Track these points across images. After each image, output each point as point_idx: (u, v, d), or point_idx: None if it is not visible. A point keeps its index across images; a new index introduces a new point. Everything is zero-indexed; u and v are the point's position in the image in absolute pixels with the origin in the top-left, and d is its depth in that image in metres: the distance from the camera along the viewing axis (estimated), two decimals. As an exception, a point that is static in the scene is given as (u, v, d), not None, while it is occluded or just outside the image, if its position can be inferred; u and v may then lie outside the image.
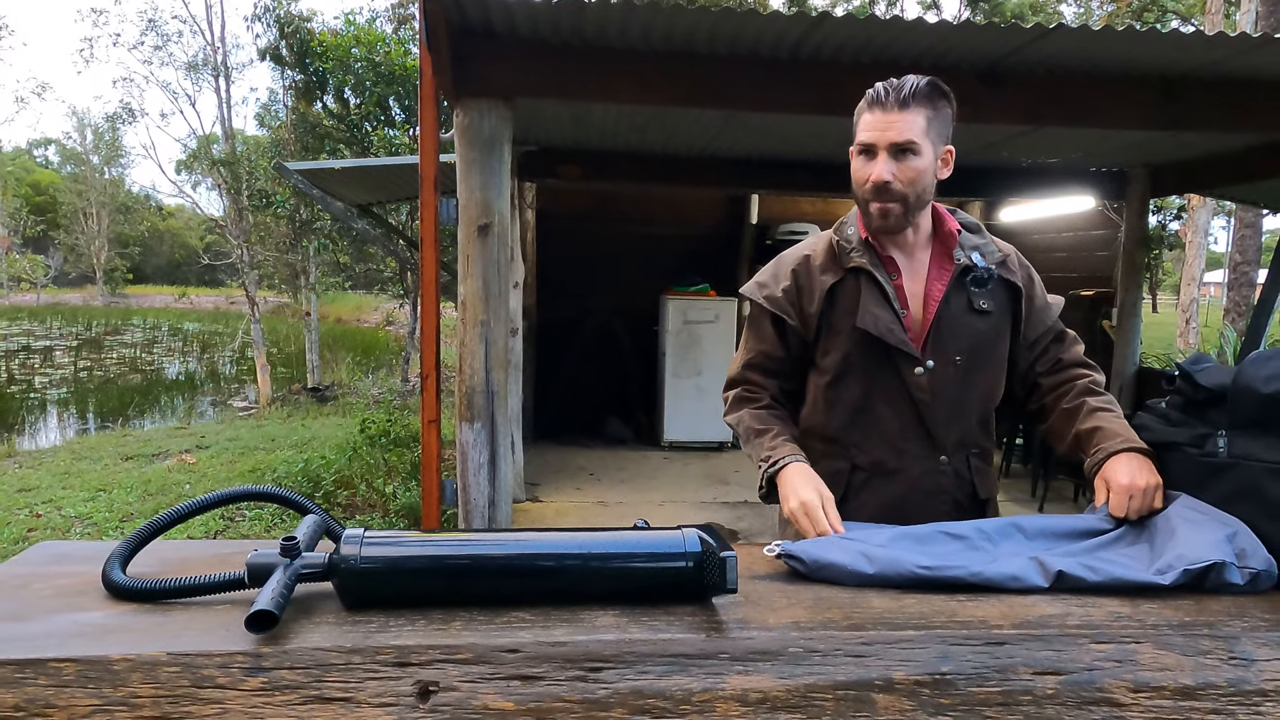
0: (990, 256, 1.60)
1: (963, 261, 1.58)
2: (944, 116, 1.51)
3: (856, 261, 1.57)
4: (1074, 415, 1.53)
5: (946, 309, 1.57)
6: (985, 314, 1.58)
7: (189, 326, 25.04)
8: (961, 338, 1.57)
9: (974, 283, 1.56)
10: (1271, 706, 0.96)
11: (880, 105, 1.47)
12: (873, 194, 1.50)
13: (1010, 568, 1.13)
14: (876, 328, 1.54)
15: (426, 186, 3.10)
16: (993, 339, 1.60)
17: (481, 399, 3.06)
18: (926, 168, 1.50)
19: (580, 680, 0.89)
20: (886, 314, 1.55)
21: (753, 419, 1.61)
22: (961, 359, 1.57)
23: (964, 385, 1.58)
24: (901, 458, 1.59)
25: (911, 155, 1.48)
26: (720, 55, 3.18)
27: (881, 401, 1.58)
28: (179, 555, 1.17)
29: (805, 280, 1.61)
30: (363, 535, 0.99)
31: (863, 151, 1.51)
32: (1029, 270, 1.66)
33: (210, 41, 13.94)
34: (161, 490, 6.42)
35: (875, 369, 1.58)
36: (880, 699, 0.91)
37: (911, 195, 1.50)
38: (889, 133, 1.46)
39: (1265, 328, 6.19)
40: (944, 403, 1.57)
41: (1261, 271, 10.39)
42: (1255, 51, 3.01)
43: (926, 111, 1.47)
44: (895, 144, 1.47)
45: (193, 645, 0.88)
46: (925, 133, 1.48)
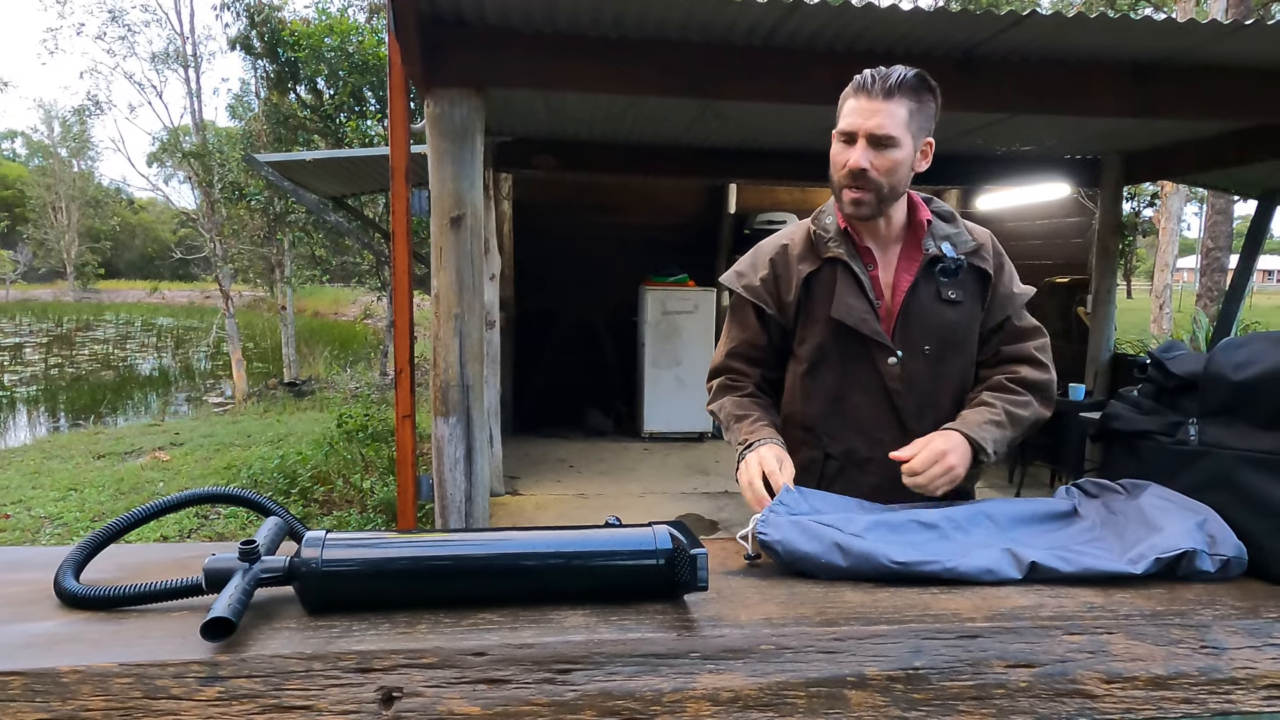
0: (962, 245, 1.59)
1: (931, 251, 1.57)
2: (927, 110, 1.51)
3: (833, 251, 1.57)
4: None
5: (914, 299, 1.56)
6: (955, 304, 1.58)
7: (162, 321, 24.71)
8: (930, 328, 1.57)
9: (942, 273, 1.56)
10: (1242, 694, 0.96)
11: (865, 92, 1.46)
12: (848, 179, 1.50)
13: (983, 560, 1.12)
14: (850, 318, 1.54)
15: (397, 178, 3.06)
16: (963, 328, 1.60)
17: (457, 393, 3.02)
18: (904, 159, 1.49)
19: (548, 682, 0.87)
20: (861, 304, 1.55)
21: (734, 405, 1.61)
22: (930, 349, 1.57)
23: (935, 375, 1.58)
24: (874, 447, 1.58)
25: (890, 146, 1.47)
26: (694, 43, 3.16)
27: (856, 390, 1.59)
28: (137, 560, 1.13)
29: (783, 269, 1.61)
30: (324, 537, 0.96)
31: (843, 139, 1.50)
32: (1002, 259, 1.65)
33: (179, 31, 13.69)
34: (135, 489, 6.33)
35: (850, 358, 1.58)
36: (853, 695, 0.90)
37: (886, 186, 1.50)
38: (870, 121, 1.46)
39: (1237, 312, 6.28)
40: (916, 392, 1.57)
41: (1233, 257, 10.54)
42: (1225, 39, 3.03)
43: (910, 104, 1.47)
44: (874, 134, 1.46)
45: (146, 655, 0.85)
46: (906, 125, 1.47)
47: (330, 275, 16.61)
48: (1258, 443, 1.15)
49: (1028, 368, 1.60)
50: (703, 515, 5.22)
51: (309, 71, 10.11)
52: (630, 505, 5.32)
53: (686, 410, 7.18)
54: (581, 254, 7.68)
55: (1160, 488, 1.24)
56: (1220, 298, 10.30)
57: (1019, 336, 1.65)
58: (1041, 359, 1.62)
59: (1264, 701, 0.96)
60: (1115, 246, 6.10)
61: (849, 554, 1.12)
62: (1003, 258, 1.66)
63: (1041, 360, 1.62)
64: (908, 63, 1.51)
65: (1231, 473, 1.17)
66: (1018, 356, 1.62)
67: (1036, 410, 1.56)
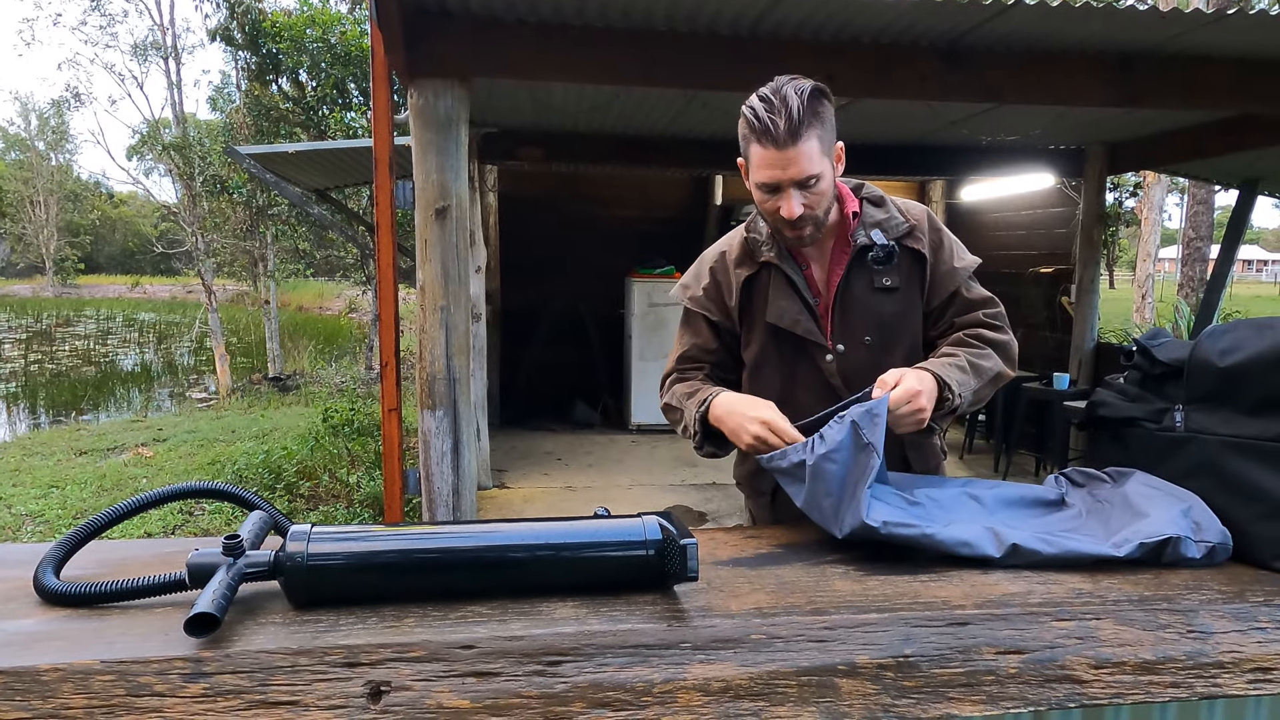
0: (893, 230, 1.55)
1: (860, 241, 1.55)
2: (830, 121, 1.45)
3: (766, 256, 1.57)
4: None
5: (848, 291, 1.55)
6: (890, 291, 1.56)
7: (144, 316, 24.46)
8: (868, 318, 1.55)
9: (874, 261, 1.53)
10: (1229, 678, 0.97)
11: (772, 141, 1.39)
12: (787, 225, 1.47)
13: (963, 533, 1.13)
14: (783, 320, 1.56)
15: (381, 169, 3.03)
16: (902, 314, 1.57)
17: (443, 386, 3.01)
18: (829, 186, 1.46)
19: (538, 675, 0.87)
20: (794, 305, 1.55)
21: (683, 388, 1.62)
22: (871, 339, 1.56)
23: (880, 365, 1.53)
24: None
25: (816, 181, 1.42)
26: (680, 33, 3.14)
27: (801, 389, 1.59)
28: (118, 556, 1.12)
29: (722, 276, 1.63)
30: (310, 531, 0.95)
31: (765, 189, 1.45)
32: (940, 234, 1.60)
33: (158, 22, 13.52)
34: (117, 485, 6.27)
35: (792, 358, 1.59)
36: (844, 684, 0.90)
37: (821, 213, 1.48)
38: (790, 170, 1.40)
39: (1219, 302, 6.34)
40: (860, 384, 1.54)
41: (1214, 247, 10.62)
42: (1208, 28, 3.04)
43: (817, 131, 1.40)
44: (798, 180, 1.41)
45: (128, 652, 0.83)
46: (821, 154, 1.42)
47: (314, 269, 16.48)
48: (1243, 428, 1.16)
49: (986, 330, 1.57)
50: (691, 507, 5.22)
51: (291, 63, 10.01)
52: (618, 497, 5.31)
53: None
54: (568, 246, 7.65)
55: (1146, 475, 1.25)
56: (1201, 287, 10.39)
57: (971, 307, 1.61)
58: (997, 323, 1.59)
59: (1250, 685, 0.96)
60: (1099, 236, 6.13)
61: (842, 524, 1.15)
62: (941, 234, 1.61)
63: (997, 324, 1.59)
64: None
65: (1217, 458, 1.18)
66: (972, 324, 1.59)
67: (998, 363, 1.52)
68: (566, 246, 7.64)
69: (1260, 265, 61.97)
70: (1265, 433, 1.14)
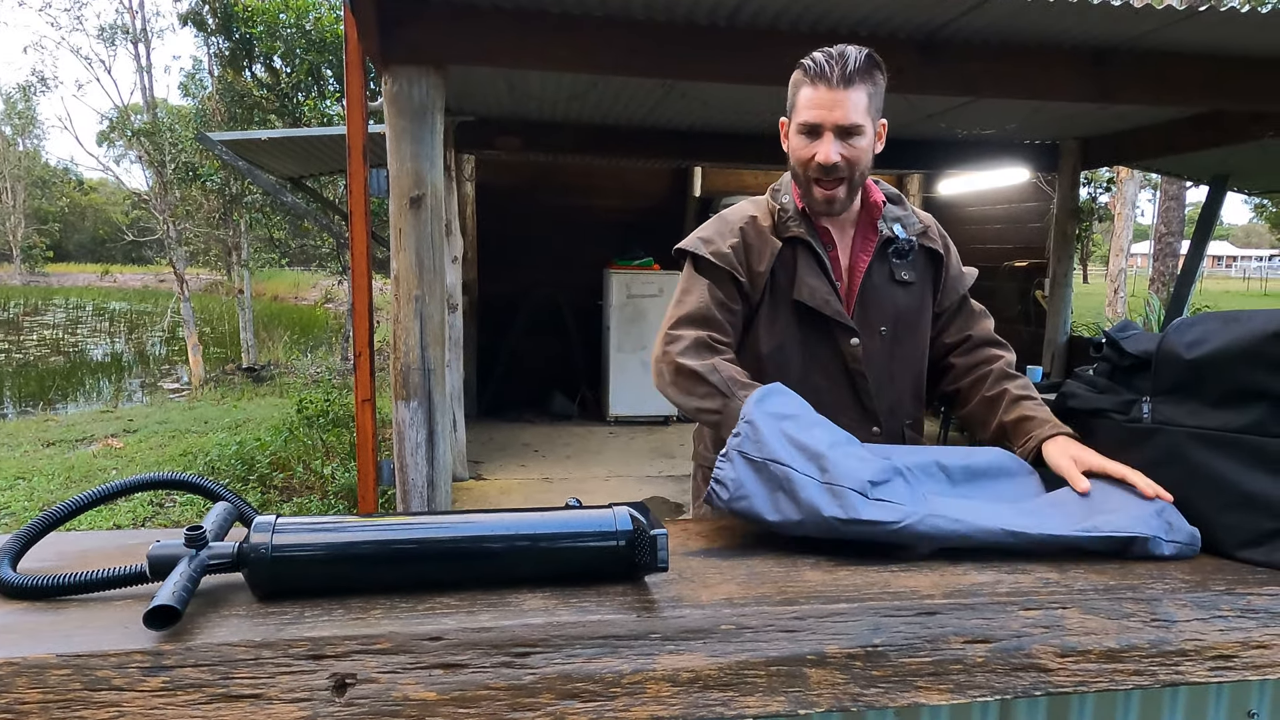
0: (912, 228, 1.59)
1: (885, 233, 1.57)
2: (881, 90, 1.48)
3: (794, 231, 1.55)
4: (996, 404, 1.50)
5: (870, 281, 1.57)
6: (908, 285, 1.58)
7: (115, 306, 24.07)
8: (885, 309, 1.57)
9: (895, 254, 1.56)
10: (1191, 665, 0.98)
11: (825, 81, 1.40)
12: (819, 174, 1.47)
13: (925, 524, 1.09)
14: (813, 299, 1.53)
15: (354, 157, 2.99)
16: (916, 309, 1.61)
17: (418, 376, 2.98)
18: (869, 146, 1.47)
19: (506, 666, 0.86)
20: (823, 285, 1.54)
21: (735, 370, 1.43)
22: (886, 330, 1.57)
23: (891, 355, 1.58)
24: None
25: (857, 136, 1.44)
26: (658, 22, 3.12)
27: (818, 372, 1.58)
28: (78, 548, 1.09)
29: (755, 239, 1.56)
30: (274, 522, 0.93)
31: (806, 132, 1.46)
32: (947, 240, 1.67)
33: (127, 6, 13.25)
34: (86, 477, 6.17)
35: (813, 339, 1.57)
36: (812, 673, 0.90)
37: (856, 175, 1.48)
38: (835, 113, 1.41)
39: (1188, 296, 6.43)
40: (875, 373, 1.57)
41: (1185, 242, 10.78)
42: (1180, 24, 3.08)
43: (868, 88, 1.43)
44: (842, 125, 1.42)
45: (86, 645, 0.82)
46: (868, 111, 1.44)
47: (290, 258, 16.31)
48: (1208, 420, 1.17)
49: (1003, 350, 1.62)
50: (668, 498, 5.23)
51: (264, 49, 9.86)
52: (595, 489, 5.31)
53: (652, 394, 7.13)
54: (546, 236, 7.62)
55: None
56: (1173, 282, 10.54)
57: (979, 318, 1.67)
58: (1004, 340, 1.66)
59: (1211, 672, 0.98)
60: (1072, 231, 6.20)
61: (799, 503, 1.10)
62: (948, 240, 1.66)
63: (1005, 342, 1.66)
64: (871, 45, 1.49)
65: (1183, 449, 1.19)
66: (989, 340, 1.64)
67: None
68: (545, 237, 7.61)
69: (1230, 261, 63.09)
70: (1230, 424, 1.16)
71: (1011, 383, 1.53)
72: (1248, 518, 1.13)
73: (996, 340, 1.65)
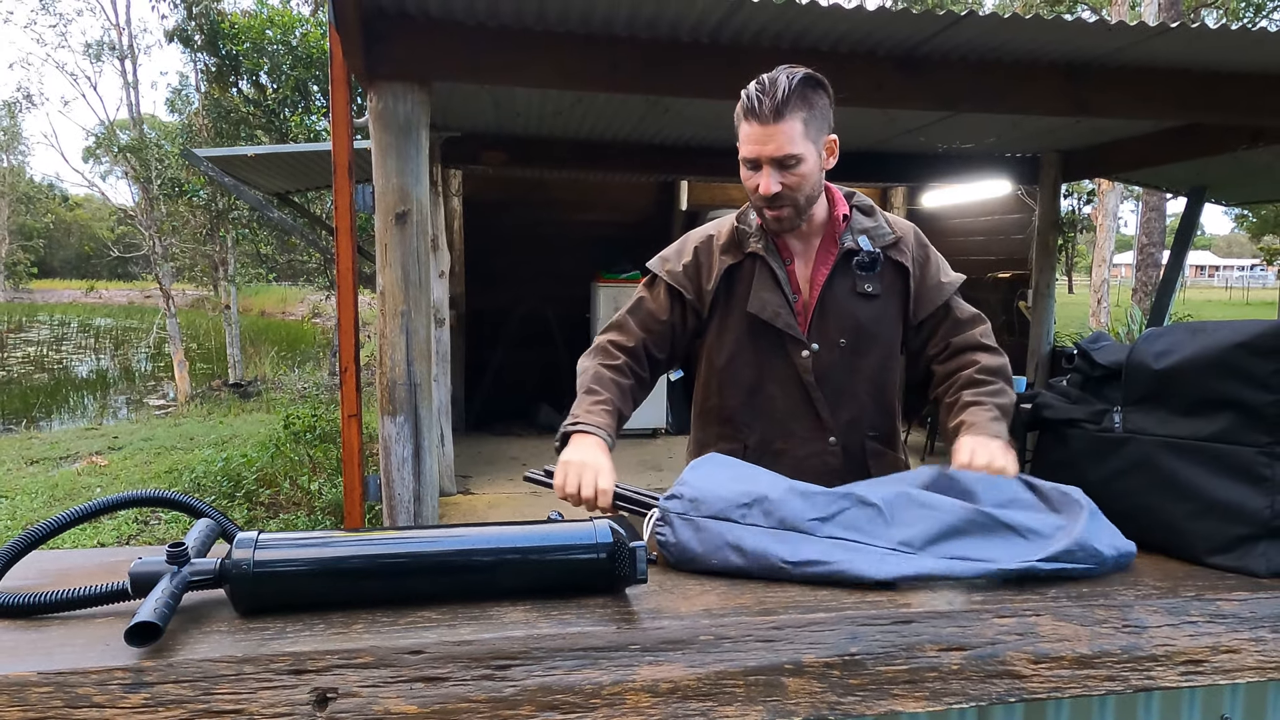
0: (880, 239, 1.60)
1: (847, 245, 1.59)
2: (821, 109, 1.50)
3: (753, 247, 1.60)
4: (951, 409, 1.55)
5: (829, 292, 1.59)
6: (871, 297, 1.59)
7: (100, 322, 23.91)
8: (845, 320, 1.59)
9: (859, 266, 1.58)
10: (1162, 670, 1.00)
11: (756, 117, 1.45)
12: (763, 203, 1.52)
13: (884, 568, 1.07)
14: (764, 311, 1.58)
15: (340, 173, 3.00)
16: (880, 321, 1.61)
17: (404, 391, 2.98)
18: (810, 170, 1.50)
19: (487, 679, 0.87)
20: (776, 298, 1.58)
21: (593, 378, 1.58)
22: (845, 342, 1.59)
23: (850, 368, 1.60)
24: (788, 439, 1.61)
25: (795, 164, 1.47)
26: (641, 39, 3.15)
27: (771, 382, 1.61)
28: (59, 566, 1.10)
29: (705, 258, 1.64)
30: (256, 538, 0.94)
31: (748, 164, 1.51)
32: (926, 250, 1.66)
33: (113, 22, 13.25)
34: (70, 495, 6.12)
35: (766, 351, 1.61)
36: (790, 682, 0.92)
37: (801, 198, 1.52)
38: (768, 147, 1.46)
39: (1168, 306, 6.51)
40: (831, 385, 1.59)
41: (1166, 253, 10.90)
42: (1154, 40, 3.13)
43: (802, 114, 1.46)
44: (776, 158, 1.47)
45: (67, 663, 0.82)
46: (804, 136, 1.47)
47: (277, 273, 16.23)
48: (1177, 429, 1.20)
49: (983, 354, 1.61)
50: (656, 511, 5.23)
51: (251, 65, 9.86)
52: (584, 502, 5.30)
53: (640, 407, 7.18)
54: (533, 251, 7.63)
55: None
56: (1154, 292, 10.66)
57: (964, 325, 1.65)
58: (991, 344, 1.64)
59: (1181, 677, 1.00)
60: (1054, 242, 6.27)
61: (745, 553, 1.10)
62: (927, 249, 1.66)
63: (992, 346, 1.63)
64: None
65: (1153, 458, 1.22)
66: (970, 345, 1.63)
67: (1009, 394, 1.56)
68: (532, 251, 7.62)
69: (1213, 271, 63.75)
70: (1198, 432, 1.18)
71: (971, 389, 1.54)
72: (1217, 524, 1.15)
73: (977, 344, 1.63)
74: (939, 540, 1.12)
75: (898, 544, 1.10)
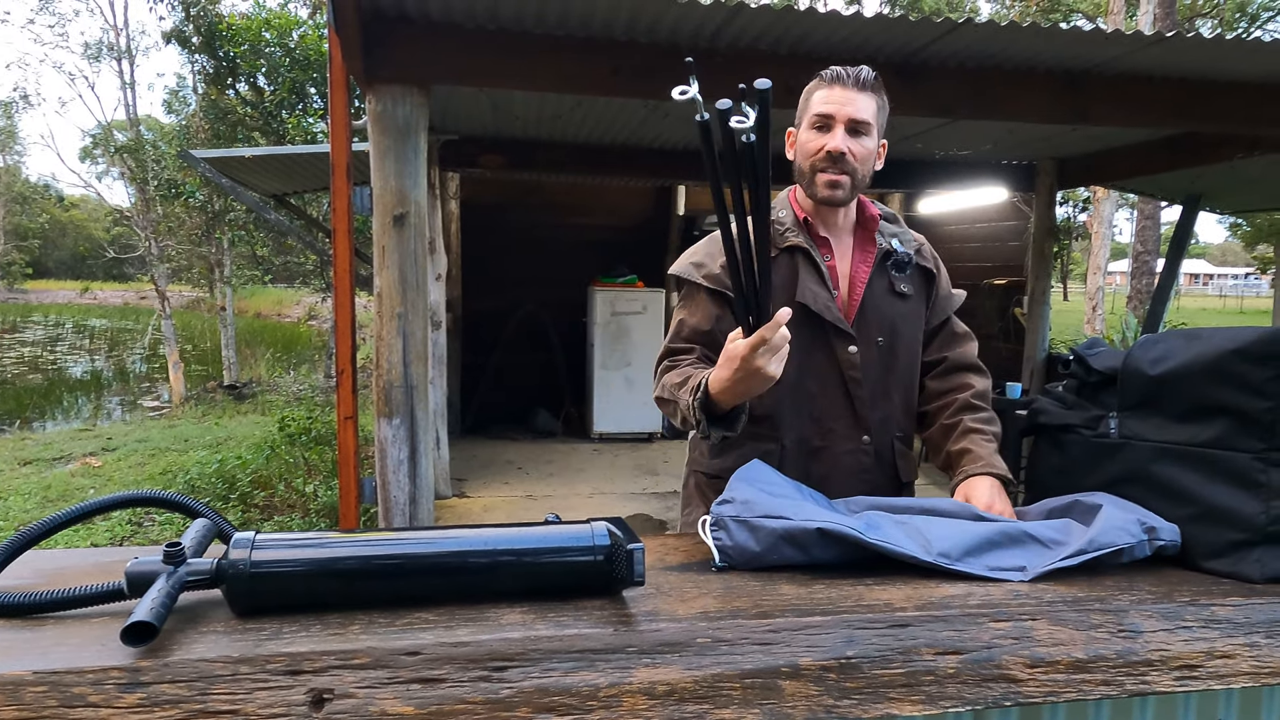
0: (908, 243, 1.65)
1: (884, 246, 1.62)
2: (885, 109, 1.58)
3: (792, 240, 1.59)
4: (950, 432, 1.59)
5: (870, 291, 1.60)
6: (904, 297, 1.63)
7: (95, 323, 23.85)
8: (884, 319, 1.61)
9: (894, 267, 1.61)
10: (1157, 675, 1.00)
11: (840, 82, 1.52)
12: (826, 162, 1.52)
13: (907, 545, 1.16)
14: (815, 303, 1.56)
15: (338, 175, 3.01)
16: (911, 322, 1.65)
17: (400, 394, 2.98)
18: (873, 150, 1.56)
19: (484, 680, 0.87)
20: (824, 291, 1.58)
21: (673, 377, 1.52)
22: (883, 340, 1.61)
23: (886, 367, 1.62)
24: (826, 436, 1.61)
25: (865, 134, 1.53)
26: (640, 43, 3.16)
27: (811, 379, 1.60)
28: (56, 566, 1.09)
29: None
30: (253, 538, 0.94)
31: (818, 125, 1.54)
32: (938, 260, 1.72)
33: (111, 23, 13.24)
34: (63, 496, 6.10)
35: (808, 345, 1.58)
36: (787, 685, 0.92)
37: (860, 173, 1.55)
38: (848, 107, 1.51)
39: (1163, 313, 6.53)
40: (869, 383, 1.61)
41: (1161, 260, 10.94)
42: (1150, 49, 3.15)
43: (877, 100, 1.54)
44: (853, 120, 1.51)
45: (63, 662, 0.82)
46: (875, 116, 1.54)
47: (273, 275, 16.23)
48: (1173, 435, 1.20)
49: (976, 377, 1.67)
50: (651, 515, 5.23)
51: (248, 67, 9.87)
52: (579, 506, 5.31)
53: (636, 411, 7.19)
54: (530, 254, 7.64)
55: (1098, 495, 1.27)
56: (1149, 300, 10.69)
57: (960, 341, 1.71)
58: (982, 366, 1.70)
59: (1176, 682, 1.00)
60: (1050, 249, 6.29)
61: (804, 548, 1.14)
62: (938, 260, 1.72)
63: (983, 367, 1.70)
64: (850, 66, 1.56)
65: (1149, 464, 1.22)
66: (965, 364, 1.68)
67: (997, 420, 1.62)
68: (529, 254, 7.63)
69: (1207, 279, 63.99)
70: (1194, 438, 1.19)
71: (970, 414, 1.59)
72: (1212, 530, 1.16)
73: (972, 365, 1.68)
74: (975, 552, 1.16)
75: (937, 555, 1.14)
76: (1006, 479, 1.46)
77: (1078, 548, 1.15)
